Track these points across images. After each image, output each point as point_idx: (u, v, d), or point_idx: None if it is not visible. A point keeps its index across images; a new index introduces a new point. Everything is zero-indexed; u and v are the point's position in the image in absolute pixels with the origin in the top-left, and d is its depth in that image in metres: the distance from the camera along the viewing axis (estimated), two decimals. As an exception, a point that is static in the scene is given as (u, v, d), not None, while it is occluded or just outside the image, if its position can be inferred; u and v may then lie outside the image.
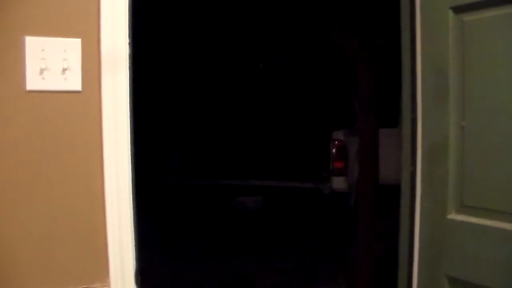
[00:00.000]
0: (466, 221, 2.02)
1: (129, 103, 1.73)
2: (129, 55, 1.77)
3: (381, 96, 5.19)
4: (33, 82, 1.66)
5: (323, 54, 9.30)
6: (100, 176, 1.71)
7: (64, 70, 1.67)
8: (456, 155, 2.06)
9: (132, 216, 1.75)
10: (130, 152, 1.72)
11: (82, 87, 1.70)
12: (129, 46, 1.76)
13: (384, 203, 4.89)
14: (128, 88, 1.73)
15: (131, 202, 1.74)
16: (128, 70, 1.75)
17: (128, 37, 1.75)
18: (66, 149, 1.70)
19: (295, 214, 8.32)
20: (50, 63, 1.67)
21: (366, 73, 4.95)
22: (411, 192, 2.30)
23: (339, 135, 7.86)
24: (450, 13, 2.08)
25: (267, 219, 8.34)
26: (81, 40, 1.71)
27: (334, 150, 7.73)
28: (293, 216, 8.29)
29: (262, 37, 9.91)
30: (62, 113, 1.69)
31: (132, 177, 1.73)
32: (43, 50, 1.66)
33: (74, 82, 1.69)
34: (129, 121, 1.72)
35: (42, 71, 1.66)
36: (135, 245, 1.78)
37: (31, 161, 1.68)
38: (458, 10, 2.06)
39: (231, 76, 10.38)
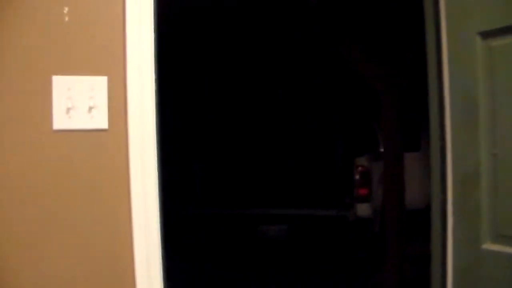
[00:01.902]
0: (502, 251, 1.96)
1: (156, 140, 1.71)
2: (156, 91, 1.76)
3: (403, 119, 5.15)
4: (60, 121, 1.66)
5: (344, 78, 9.28)
6: (127, 216, 1.68)
7: (90, 108, 1.67)
8: (489, 183, 2.01)
9: (161, 261, 1.72)
10: (157, 190, 1.70)
11: (109, 125, 1.69)
12: (155, 82, 1.76)
13: (411, 227, 4.82)
14: (155, 125, 1.72)
15: (160, 244, 1.71)
16: (155, 106, 1.74)
17: (154, 74, 1.75)
18: (92, 188, 1.69)
19: (320, 242, 8.22)
20: (76, 101, 1.66)
21: (390, 98, 4.92)
22: (442, 221, 2.25)
23: (362, 161, 7.79)
24: (478, 39, 2.05)
25: (292, 248, 8.25)
26: (107, 77, 1.70)
27: (357, 176, 7.66)
28: (318, 244, 8.19)
29: (282, 63, 9.94)
30: (89, 151, 1.68)
31: (160, 217, 1.70)
32: (69, 89, 1.66)
33: (100, 120, 1.68)
34: (156, 159, 1.70)
35: (68, 110, 1.66)
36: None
37: (58, 201, 1.66)
38: (486, 35, 2.02)
39: (252, 104, 10.40)
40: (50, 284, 1.66)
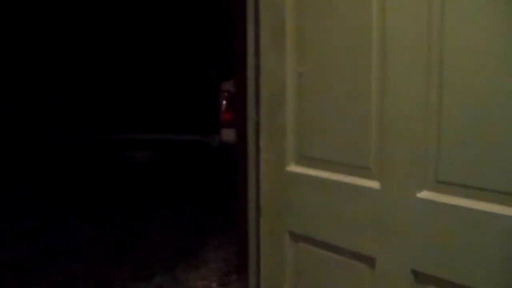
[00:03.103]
0: (304, 173, 1.91)
1: None
2: None
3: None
4: None
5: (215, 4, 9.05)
6: None
7: None
8: (294, 104, 1.93)
9: None
10: None
11: None
12: None
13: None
14: None
15: None
16: None
17: None
18: None
19: (185, 168, 8.15)
20: None
21: (243, 25, 4.78)
22: (256, 143, 2.17)
23: (228, 85, 7.67)
24: (285, -49, 1.92)
25: (156, 173, 8.14)
26: None
27: (223, 101, 7.55)
28: (182, 170, 8.12)
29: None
30: None
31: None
32: None
33: None
34: None
35: None
36: None
37: None
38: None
39: (121, 30, 9.98)
40: None
